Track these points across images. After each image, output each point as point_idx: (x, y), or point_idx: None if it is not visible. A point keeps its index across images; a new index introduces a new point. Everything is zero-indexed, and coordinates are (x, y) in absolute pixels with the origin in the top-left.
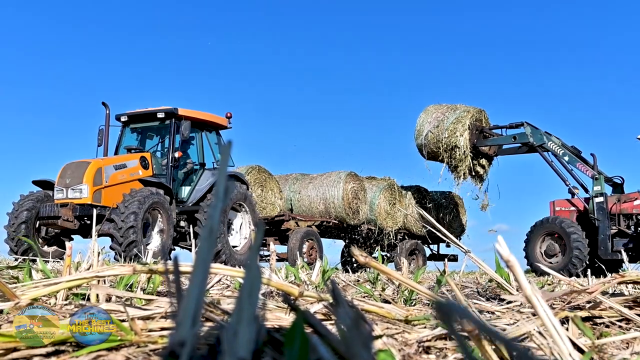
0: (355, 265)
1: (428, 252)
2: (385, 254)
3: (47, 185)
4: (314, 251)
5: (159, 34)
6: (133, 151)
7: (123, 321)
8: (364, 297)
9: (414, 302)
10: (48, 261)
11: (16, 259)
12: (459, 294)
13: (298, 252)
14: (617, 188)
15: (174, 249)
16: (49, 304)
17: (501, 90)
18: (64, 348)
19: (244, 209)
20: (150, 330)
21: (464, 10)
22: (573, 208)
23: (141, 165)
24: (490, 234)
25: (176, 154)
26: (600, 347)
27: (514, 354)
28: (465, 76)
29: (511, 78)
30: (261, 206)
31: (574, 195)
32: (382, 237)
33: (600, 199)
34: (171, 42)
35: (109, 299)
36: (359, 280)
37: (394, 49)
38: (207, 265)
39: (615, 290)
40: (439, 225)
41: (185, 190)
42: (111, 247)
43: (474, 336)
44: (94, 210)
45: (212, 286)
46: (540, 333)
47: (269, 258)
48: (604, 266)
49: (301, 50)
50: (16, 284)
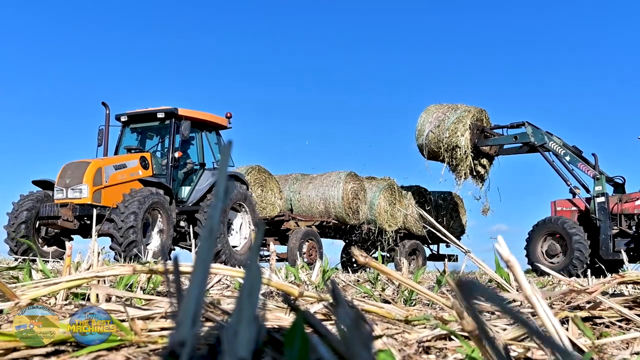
0: (355, 265)
1: (428, 252)
2: (385, 254)
3: (47, 185)
4: (314, 251)
5: (159, 34)
6: (133, 151)
7: (123, 321)
8: (363, 297)
9: (414, 302)
10: (48, 261)
11: (16, 259)
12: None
13: (298, 252)
14: (619, 188)
15: (173, 249)
16: (49, 304)
17: (501, 90)
18: (64, 348)
19: (244, 209)
20: (150, 330)
21: (463, 10)
22: (574, 208)
23: (141, 165)
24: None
25: (176, 154)
26: (600, 347)
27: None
28: (465, 76)
29: (511, 78)
30: (261, 206)
31: (575, 195)
32: (382, 237)
33: (602, 199)
34: (171, 42)
35: (108, 299)
36: (358, 281)
37: (394, 49)
38: (207, 265)
39: (615, 291)
40: (438, 226)
41: (185, 190)
42: (111, 247)
43: (474, 336)
44: (94, 210)
45: (212, 286)
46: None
47: (269, 258)
48: (605, 266)
49: (301, 50)
50: (16, 284)
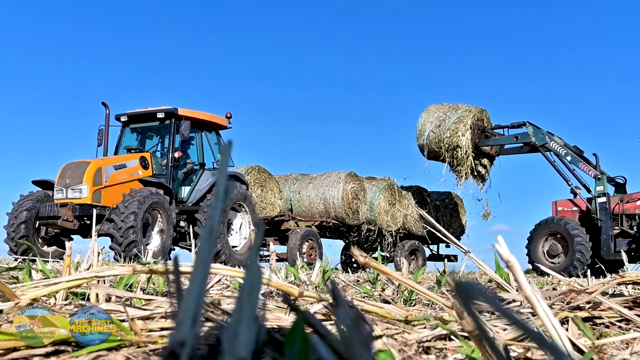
0: (355, 265)
1: (428, 253)
2: (385, 254)
3: (47, 185)
4: (314, 251)
5: (159, 34)
6: (133, 151)
7: (123, 321)
8: (363, 298)
9: (413, 303)
10: (48, 261)
11: (16, 259)
12: None
13: (298, 252)
14: (620, 188)
15: (173, 249)
16: (49, 304)
17: (501, 90)
18: (64, 348)
19: (243, 209)
20: (150, 330)
21: (463, 10)
22: (575, 208)
23: (141, 165)
24: (491, 230)
25: (176, 154)
26: (600, 347)
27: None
28: (465, 76)
29: (511, 78)
30: (261, 206)
31: (576, 195)
32: (381, 237)
33: (603, 199)
34: (171, 42)
35: (108, 299)
36: (358, 281)
37: (394, 49)
38: (207, 265)
39: (615, 291)
40: (438, 226)
41: (185, 190)
42: (111, 247)
43: (474, 336)
44: (94, 210)
45: (212, 286)
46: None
47: (268, 258)
48: (605, 266)
49: (301, 50)
50: (16, 284)
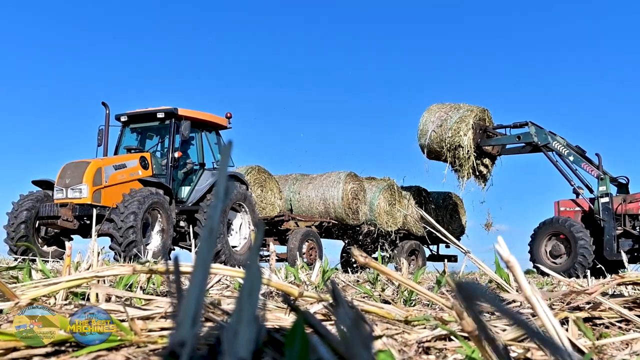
0: (355, 265)
1: (428, 253)
2: (385, 254)
3: (46, 185)
4: (314, 251)
5: (159, 34)
6: (133, 151)
7: (123, 321)
8: (363, 298)
9: (413, 303)
10: (48, 261)
11: (16, 259)
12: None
13: (298, 253)
14: (622, 188)
15: (173, 249)
16: (49, 304)
17: (501, 90)
18: (64, 348)
19: (243, 209)
20: (150, 330)
21: (463, 10)
22: (578, 208)
23: (141, 165)
24: (491, 231)
25: (176, 154)
26: (600, 348)
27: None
28: (465, 76)
29: (511, 78)
30: (261, 206)
31: (578, 195)
32: (381, 237)
33: (606, 199)
34: (171, 42)
35: (108, 299)
36: (358, 281)
37: (394, 49)
38: (207, 265)
39: (615, 291)
40: (438, 226)
41: (185, 190)
42: (111, 247)
43: (474, 337)
44: (94, 210)
45: (212, 286)
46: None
47: (268, 258)
48: (606, 267)
49: (301, 50)
50: (16, 284)
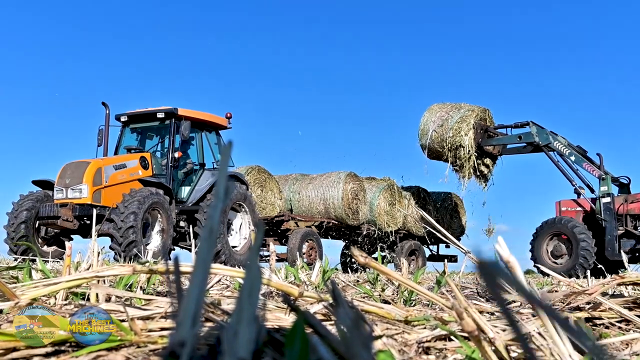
0: (355, 265)
1: (428, 253)
2: (385, 254)
3: (46, 185)
4: (314, 251)
5: (159, 34)
6: (133, 151)
7: (123, 321)
8: (363, 298)
9: (413, 303)
10: (48, 261)
11: (16, 259)
12: (459, 294)
13: (298, 253)
14: (624, 188)
15: (173, 249)
16: (49, 304)
17: (501, 90)
18: (64, 348)
19: (243, 209)
20: (150, 330)
21: (463, 10)
22: (579, 208)
23: (141, 166)
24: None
25: (176, 154)
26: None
27: (557, 323)
28: (465, 76)
29: (511, 78)
30: (261, 206)
31: (580, 195)
32: (381, 237)
33: (608, 199)
34: (171, 42)
35: (108, 299)
36: (358, 281)
37: (394, 49)
38: (207, 265)
39: (615, 292)
40: (438, 226)
41: (185, 191)
42: (111, 247)
43: (474, 337)
44: (94, 210)
45: (212, 286)
46: (540, 334)
47: (268, 258)
48: (606, 267)
49: (301, 50)
50: (16, 284)
